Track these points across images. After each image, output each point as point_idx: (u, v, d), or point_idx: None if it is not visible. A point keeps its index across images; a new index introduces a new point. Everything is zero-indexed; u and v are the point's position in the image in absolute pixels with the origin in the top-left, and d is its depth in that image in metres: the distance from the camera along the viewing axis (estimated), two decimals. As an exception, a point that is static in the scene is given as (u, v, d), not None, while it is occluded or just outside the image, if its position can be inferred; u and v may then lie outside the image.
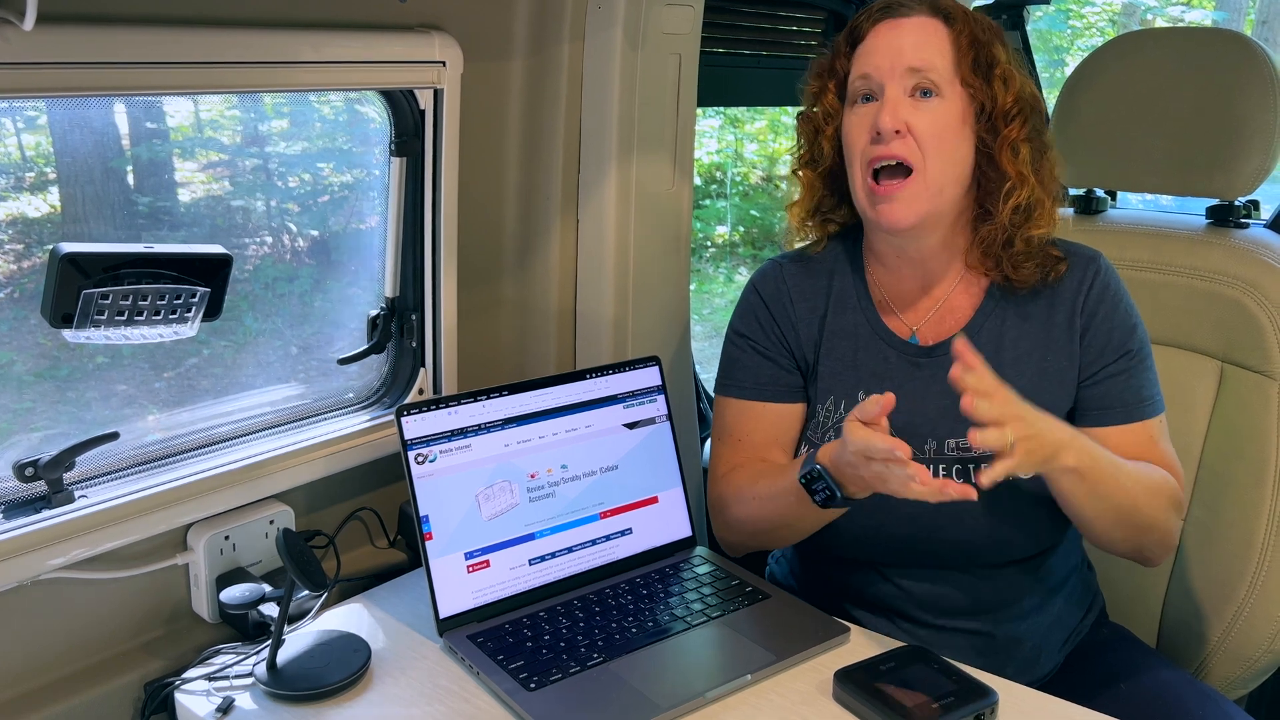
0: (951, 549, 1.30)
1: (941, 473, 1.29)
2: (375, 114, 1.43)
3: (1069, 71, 1.68)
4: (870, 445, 1.11)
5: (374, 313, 1.50)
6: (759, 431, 1.40)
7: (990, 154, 1.27)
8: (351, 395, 1.51)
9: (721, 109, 5.84)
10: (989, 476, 1.10)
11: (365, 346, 1.50)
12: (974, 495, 1.11)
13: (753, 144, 6.73)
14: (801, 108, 1.41)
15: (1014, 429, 1.10)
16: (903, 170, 1.24)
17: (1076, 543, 1.44)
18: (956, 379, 1.11)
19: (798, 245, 1.46)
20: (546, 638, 1.21)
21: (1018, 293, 1.33)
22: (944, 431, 1.30)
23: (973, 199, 1.31)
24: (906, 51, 1.25)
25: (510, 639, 1.21)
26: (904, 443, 1.10)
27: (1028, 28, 2.30)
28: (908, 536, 1.30)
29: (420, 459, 1.23)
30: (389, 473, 1.49)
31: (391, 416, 1.26)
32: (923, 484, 1.10)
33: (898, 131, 1.23)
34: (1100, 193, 1.72)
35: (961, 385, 1.10)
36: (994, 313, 1.33)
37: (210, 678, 1.18)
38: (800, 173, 1.40)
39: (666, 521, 1.41)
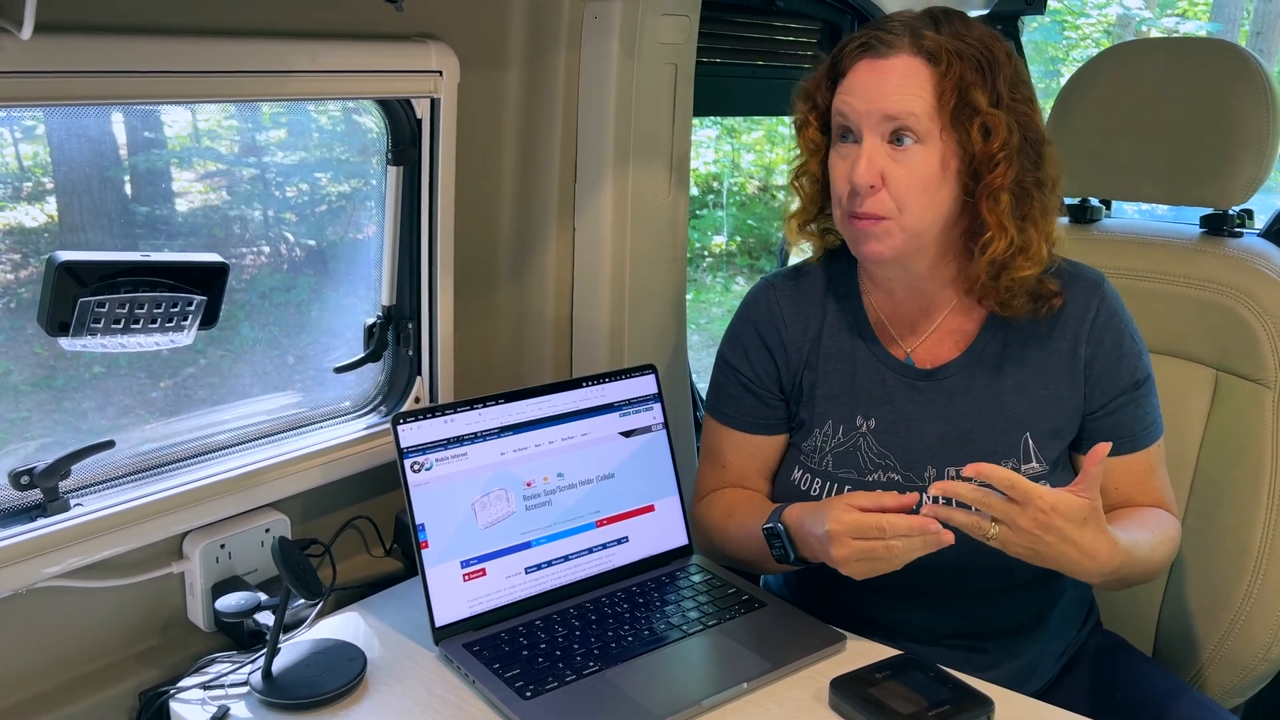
0: (952, 577, 1.29)
1: (941, 502, 1.28)
2: (372, 123, 1.44)
3: (1064, 82, 1.68)
4: (859, 525, 1.13)
5: (370, 321, 1.50)
6: (740, 460, 1.43)
7: (973, 198, 1.23)
8: (348, 403, 1.51)
9: (718, 119, 5.86)
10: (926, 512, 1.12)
11: (362, 355, 1.50)
12: (950, 540, 1.11)
13: (749, 154, 6.75)
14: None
15: (1011, 535, 1.11)
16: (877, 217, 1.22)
17: None
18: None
19: (794, 259, 1.45)
20: (543, 646, 1.21)
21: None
22: (945, 459, 1.29)
23: (960, 233, 1.28)
24: (885, 96, 1.19)
25: (506, 647, 1.21)
26: (893, 518, 1.12)
27: (1023, 38, 2.31)
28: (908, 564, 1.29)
29: (416, 467, 1.23)
30: (385, 481, 1.49)
31: (388, 425, 1.26)
32: (906, 535, 1.12)
33: (872, 186, 1.20)
34: (1095, 201, 1.73)
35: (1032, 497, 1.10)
36: (994, 337, 1.31)
37: (205, 686, 1.18)
38: (796, 183, 1.38)
39: (663, 530, 1.41)
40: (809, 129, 1.31)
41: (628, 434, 1.40)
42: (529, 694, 1.12)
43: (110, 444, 1.22)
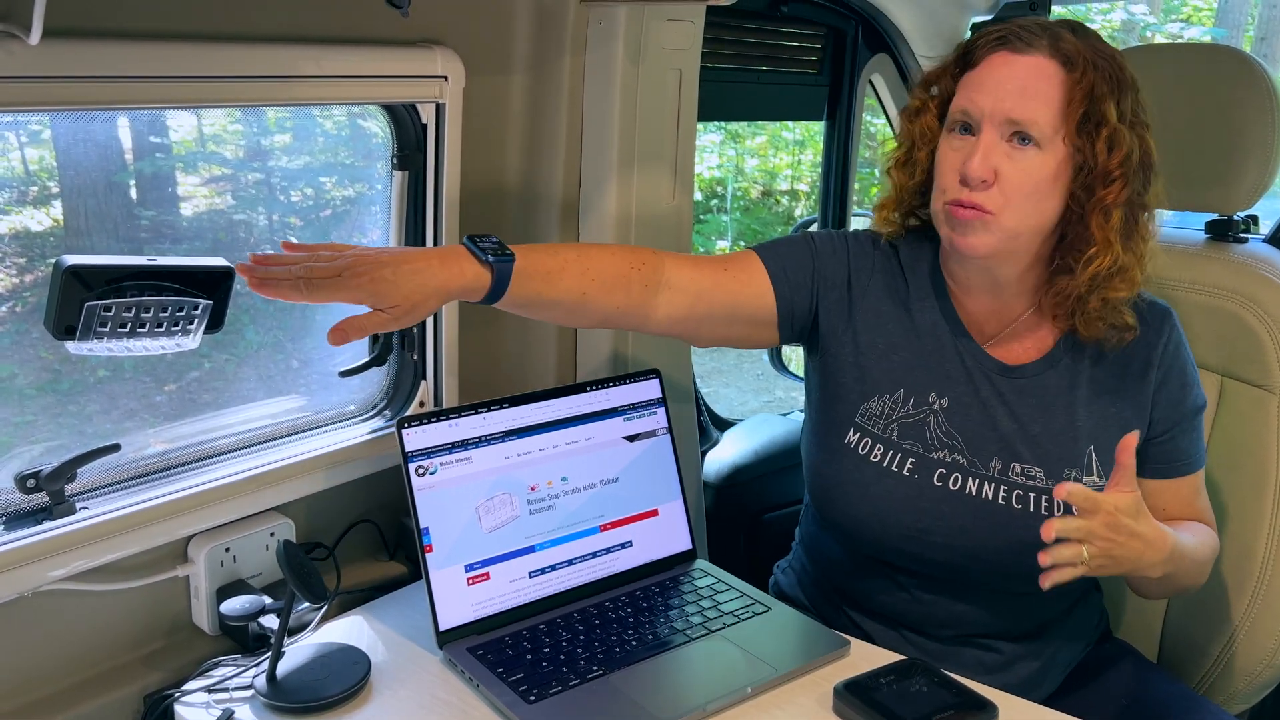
0: (990, 572, 1.30)
1: (1002, 494, 1.28)
2: (377, 128, 1.44)
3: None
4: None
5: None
6: (725, 281, 1.34)
7: (1082, 211, 1.22)
8: (353, 407, 1.52)
9: (722, 124, 5.87)
10: (1049, 579, 1.12)
11: (366, 359, 1.50)
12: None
13: (753, 159, 6.76)
14: (907, 106, 1.36)
15: (1094, 548, 1.11)
16: (983, 209, 1.21)
17: None
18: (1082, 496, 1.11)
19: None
20: (546, 650, 1.21)
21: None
22: (1011, 454, 1.29)
23: (1054, 246, 1.27)
24: (1011, 97, 1.18)
25: (510, 652, 1.21)
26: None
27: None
28: (950, 548, 1.29)
29: (421, 471, 1.24)
30: (390, 485, 1.49)
31: (392, 429, 1.26)
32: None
33: (985, 180, 1.19)
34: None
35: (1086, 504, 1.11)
36: (1071, 351, 1.31)
37: (210, 690, 1.18)
38: (892, 173, 1.36)
39: (667, 534, 1.41)
40: (926, 115, 1.30)
41: (632, 438, 1.40)
42: (533, 698, 1.13)
43: (116, 447, 1.22)
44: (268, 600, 1.26)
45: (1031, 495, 1.27)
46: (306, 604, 1.27)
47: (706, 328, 1.35)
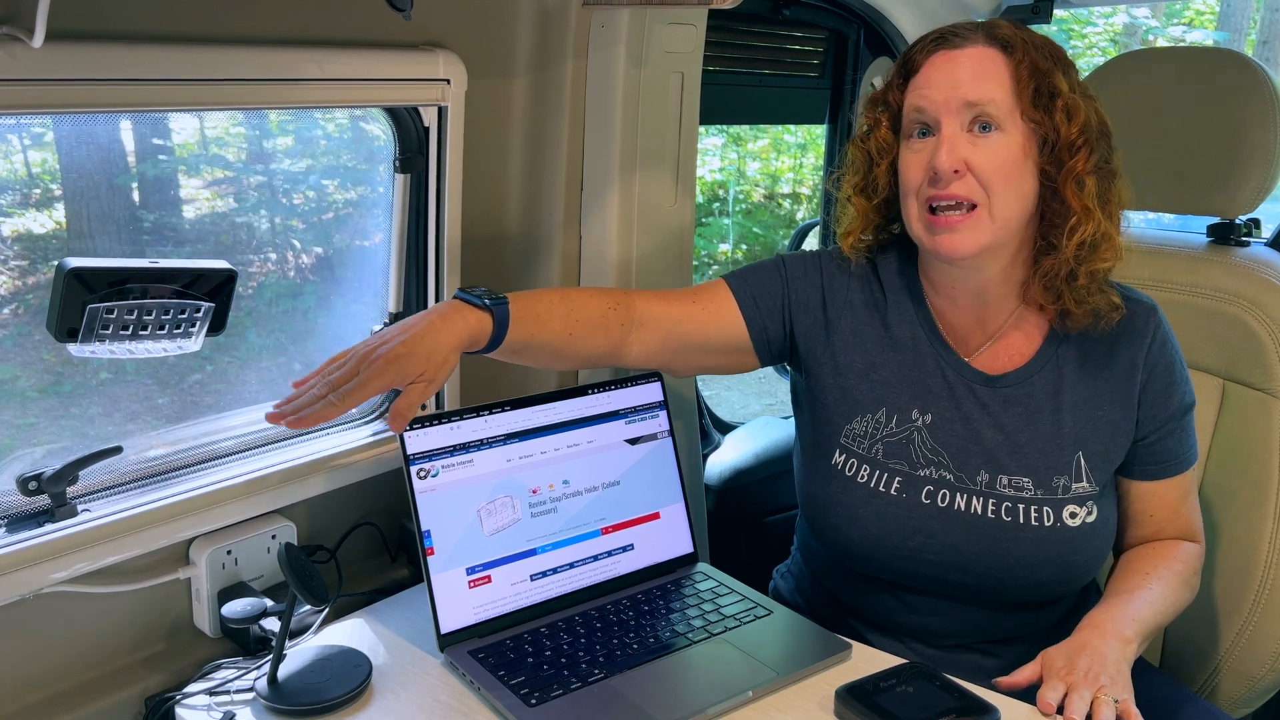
0: (983, 586, 1.29)
1: (991, 507, 1.27)
2: (380, 131, 1.44)
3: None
4: None
5: (377, 328, 1.51)
6: (695, 314, 1.36)
7: (1054, 186, 1.22)
8: (354, 410, 1.51)
9: (724, 127, 5.87)
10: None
11: (368, 362, 1.50)
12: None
13: (755, 162, 6.76)
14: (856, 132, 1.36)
15: (1088, 681, 1.13)
16: (965, 204, 1.20)
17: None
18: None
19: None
20: (548, 653, 1.21)
21: (1076, 336, 1.30)
22: (998, 466, 1.28)
23: (1034, 231, 1.27)
24: (963, 84, 1.19)
25: (511, 655, 1.21)
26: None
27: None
28: (942, 565, 1.29)
29: (422, 474, 1.24)
30: (391, 488, 1.49)
31: (394, 431, 1.26)
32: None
33: (956, 171, 1.19)
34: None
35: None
36: (1055, 354, 1.31)
37: (211, 692, 1.18)
38: (853, 200, 1.35)
39: (668, 537, 1.41)
40: (880, 130, 1.30)
41: (633, 441, 1.40)
42: (534, 701, 1.12)
43: (118, 450, 1.22)
44: (269, 603, 1.27)
45: (1020, 507, 1.26)
46: (308, 606, 1.27)
47: (682, 359, 1.39)
